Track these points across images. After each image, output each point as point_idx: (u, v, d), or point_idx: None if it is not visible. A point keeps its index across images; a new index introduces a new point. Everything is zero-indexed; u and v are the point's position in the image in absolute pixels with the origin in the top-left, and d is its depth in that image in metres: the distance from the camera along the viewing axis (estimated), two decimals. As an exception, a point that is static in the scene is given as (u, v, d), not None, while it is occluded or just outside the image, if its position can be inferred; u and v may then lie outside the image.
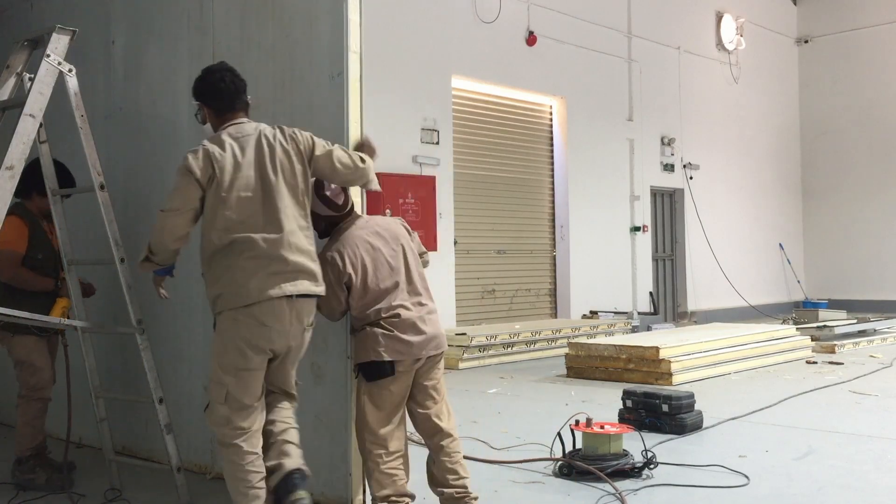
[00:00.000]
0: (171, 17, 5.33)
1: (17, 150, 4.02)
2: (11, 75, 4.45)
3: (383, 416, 3.95)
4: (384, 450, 3.93)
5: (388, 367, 3.89)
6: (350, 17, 4.32)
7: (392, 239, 4.09)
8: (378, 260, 3.99)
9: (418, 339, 3.94)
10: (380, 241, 4.05)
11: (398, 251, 4.08)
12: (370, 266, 3.96)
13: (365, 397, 3.96)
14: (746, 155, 17.52)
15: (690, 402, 6.22)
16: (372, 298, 3.95)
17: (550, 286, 13.74)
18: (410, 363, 3.94)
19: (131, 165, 5.51)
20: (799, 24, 19.19)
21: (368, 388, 3.95)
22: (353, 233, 4.04)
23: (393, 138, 10.90)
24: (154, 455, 5.19)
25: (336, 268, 3.92)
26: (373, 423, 3.94)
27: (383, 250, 4.03)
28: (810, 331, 11.22)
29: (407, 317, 3.95)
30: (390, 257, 4.03)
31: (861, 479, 4.90)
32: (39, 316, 4.34)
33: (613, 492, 4.60)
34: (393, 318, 3.93)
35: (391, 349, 3.89)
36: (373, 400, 3.94)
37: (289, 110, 4.63)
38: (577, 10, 13.73)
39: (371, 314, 3.94)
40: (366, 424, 3.95)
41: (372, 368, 3.91)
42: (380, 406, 3.94)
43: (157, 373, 4.54)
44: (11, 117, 4.24)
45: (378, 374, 3.90)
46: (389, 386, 3.92)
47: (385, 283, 3.98)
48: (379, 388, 3.93)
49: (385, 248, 4.04)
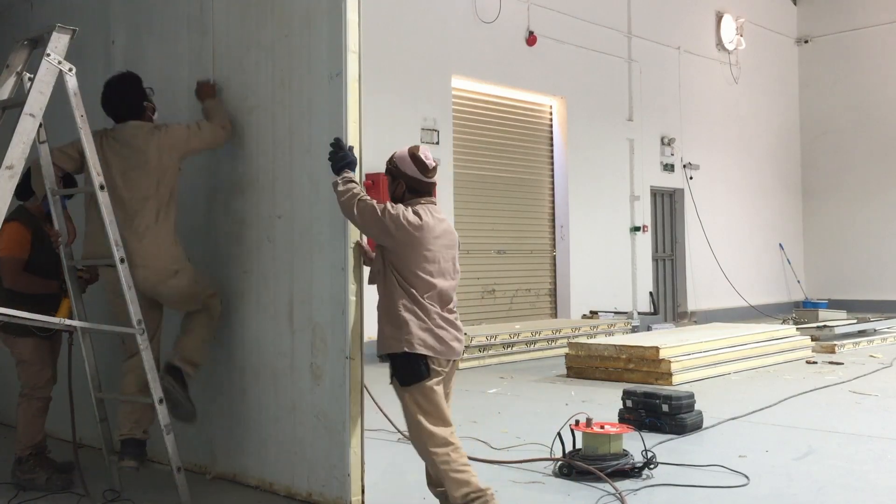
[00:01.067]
0: (171, 17, 5.33)
1: (17, 149, 4.02)
2: (11, 75, 4.44)
3: (437, 416, 3.87)
4: (450, 447, 3.87)
5: (424, 368, 3.84)
6: (349, 17, 4.32)
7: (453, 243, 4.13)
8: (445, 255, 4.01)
9: (457, 344, 3.97)
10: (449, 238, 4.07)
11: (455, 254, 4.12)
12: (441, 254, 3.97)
13: (414, 406, 3.87)
14: (746, 155, 17.51)
15: (690, 402, 6.22)
16: (428, 284, 3.92)
17: (550, 286, 13.74)
18: (446, 364, 3.94)
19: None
20: (799, 24, 19.19)
21: (412, 394, 3.87)
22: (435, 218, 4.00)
23: (393, 138, 10.83)
24: (154, 455, 5.18)
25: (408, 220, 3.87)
26: (430, 427, 3.85)
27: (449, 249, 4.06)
28: (810, 331, 11.22)
29: (453, 318, 3.98)
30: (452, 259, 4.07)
31: (861, 479, 4.90)
32: (39, 316, 4.33)
33: (613, 492, 4.59)
34: (445, 315, 3.93)
35: (432, 347, 3.87)
36: (421, 407, 3.86)
37: (288, 110, 4.63)
38: (577, 10, 13.73)
39: (426, 300, 3.90)
40: (422, 430, 3.86)
41: (410, 369, 3.85)
42: (430, 409, 3.86)
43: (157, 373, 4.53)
44: (11, 117, 4.23)
45: (416, 377, 3.85)
46: (433, 386, 3.88)
47: (447, 277, 3.99)
48: (422, 391, 3.87)
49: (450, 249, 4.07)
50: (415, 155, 4.04)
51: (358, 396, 4.31)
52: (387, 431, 5.91)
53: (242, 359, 4.87)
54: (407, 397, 3.90)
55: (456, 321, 4.02)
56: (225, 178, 5.01)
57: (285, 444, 4.59)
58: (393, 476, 5.05)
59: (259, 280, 4.78)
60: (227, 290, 4.96)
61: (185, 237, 5.21)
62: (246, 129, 4.87)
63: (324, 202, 4.41)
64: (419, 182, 4.03)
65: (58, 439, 5.85)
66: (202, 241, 5.13)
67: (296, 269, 4.58)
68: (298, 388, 4.53)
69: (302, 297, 4.54)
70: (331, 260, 4.34)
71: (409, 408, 3.90)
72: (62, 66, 4.21)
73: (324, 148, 4.41)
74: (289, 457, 4.58)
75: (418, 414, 3.86)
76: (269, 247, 4.73)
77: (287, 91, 4.64)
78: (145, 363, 4.46)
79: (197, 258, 5.16)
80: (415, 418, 3.87)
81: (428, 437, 3.86)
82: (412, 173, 4.02)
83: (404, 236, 3.88)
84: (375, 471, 4.84)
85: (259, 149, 4.80)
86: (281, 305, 4.65)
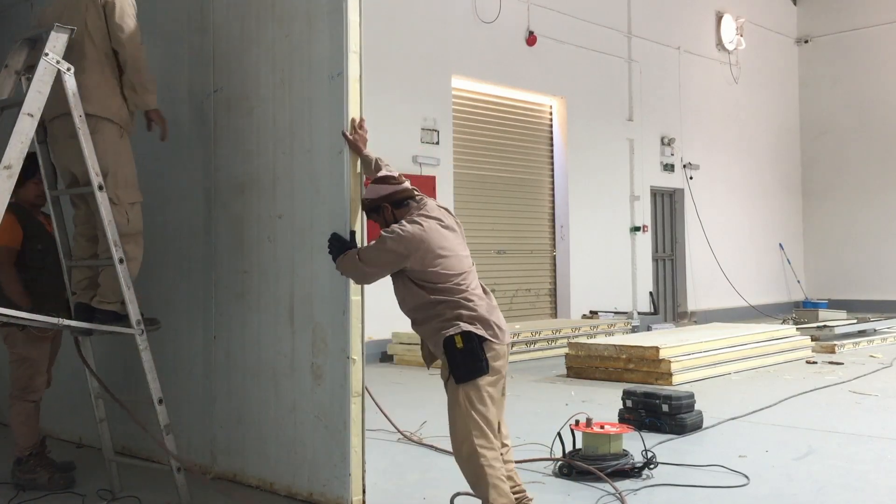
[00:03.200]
0: (171, 17, 5.33)
1: (15, 149, 4.01)
2: (10, 74, 4.44)
3: (486, 420, 3.74)
4: (495, 452, 3.76)
5: (484, 363, 3.71)
6: (349, 17, 4.32)
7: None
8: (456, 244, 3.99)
9: (505, 327, 3.91)
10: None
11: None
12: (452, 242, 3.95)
13: (466, 404, 3.72)
14: (746, 155, 17.51)
15: (690, 402, 6.21)
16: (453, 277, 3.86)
17: (550, 286, 13.73)
18: (502, 353, 3.83)
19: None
20: (799, 24, 19.19)
21: (466, 391, 3.72)
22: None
23: (393, 138, 10.90)
24: (154, 455, 5.18)
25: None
26: (485, 426, 3.72)
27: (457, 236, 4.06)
28: (810, 331, 11.22)
29: (490, 301, 3.96)
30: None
31: (861, 479, 4.90)
32: (37, 316, 4.33)
33: (613, 492, 4.59)
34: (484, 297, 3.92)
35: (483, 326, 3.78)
36: (474, 406, 3.72)
37: (288, 110, 4.63)
38: (577, 10, 13.73)
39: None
40: (474, 428, 3.71)
41: (469, 362, 3.71)
42: (483, 410, 3.73)
43: (157, 373, 4.53)
44: (10, 116, 4.23)
45: (475, 372, 3.71)
46: (487, 387, 3.74)
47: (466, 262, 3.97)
48: (478, 391, 3.72)
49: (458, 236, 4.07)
50: (374, 178, 4.03)
51: (359, 396, 4.31)
52: (387, 431, 5.91)
53: (243, 359, 4.86)
54: (461, 394, 3.74)
55: (494, 304, 3.94)
56: (225, 178, 5.00)
57: (286, 444, 4.59)
58: (393, 476, 5.04)
59: (259, 280, 4.78)
60: (228, 290, 4.96)
61: (186, 237, 5.22)
62: (246, 128, 4.87)
63: (324, 202, 4.40)
64: (397, 193, 3.97)
65: (58, 439, 5.85)
66: (202, 241, 5.13)
67: (296, 268, 4.58)
68: (299, 387, 4.52)
69: (302, 297, 4.53)
70: (331, 259, 4.33)
71: (460, 405, 3.75)
72: (60, 65, 4.20)
73: (324, 148, 4.42)
74: (289, 457, 4.57)
75: (471, 411, 3.71)
76: (270, 246, 4.72)
77: (287, 91, 4.63)
78: (145, 363, 4.46)
79: (197, 258, 5.17)
80: (467, 414, 3.71)
81: (478, 436, 3.71)
82: (386, 192, 3.97)
83: (414, 248, 3.77)
84: (376, 471, 4.84)
85: (259, 149, 4.79)
86: (281, 305, 4.65)
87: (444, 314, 3.77)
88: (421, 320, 3.88)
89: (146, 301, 4.84)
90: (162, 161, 5.28)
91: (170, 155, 5.26)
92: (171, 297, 5.29)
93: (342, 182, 4.28)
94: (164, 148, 5.22)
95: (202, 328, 5.11)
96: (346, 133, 4.27)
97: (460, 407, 3.74)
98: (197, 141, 5.16)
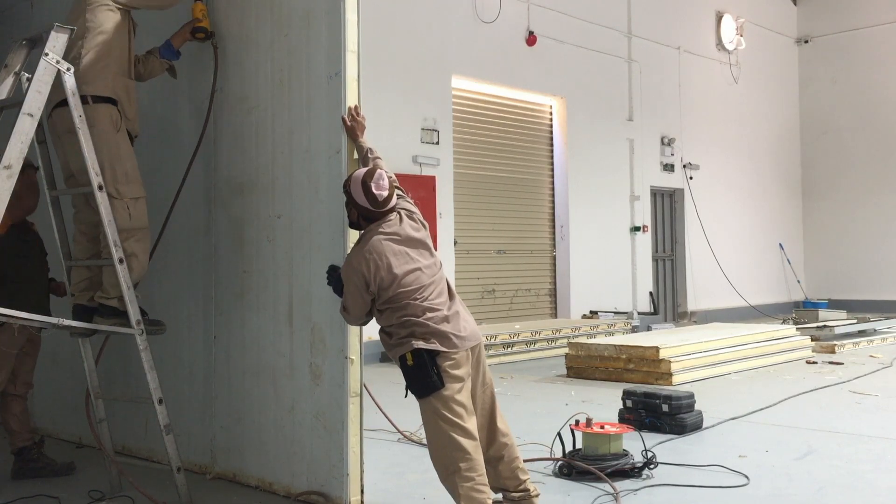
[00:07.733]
0: (171, 17, 5.32)
1: (15, 149, 4.01)
2: (10, 74, 4.44)
3: (458, 426, 3.73)
4: (472, 462, 3.73)
5: (436, 378, 3.70)
6: (348, 17, 4.32)
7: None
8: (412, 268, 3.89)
9: (464, 332, 3.86)
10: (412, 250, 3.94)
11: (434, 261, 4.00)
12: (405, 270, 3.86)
13: (433, 416, 3.74)
14: (746, 155, 17.51)
15: (690, 402, 6.21)
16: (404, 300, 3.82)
17: (550, 286, 13.73)
18: (464, 359, 3.82)
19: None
20: (799, 24, 19.18)
21: (430, 403, 3.74)
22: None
23: (393, 138, 10.90)
24: (154, 455, 5.19)
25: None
26: (459, 435, 3.72)
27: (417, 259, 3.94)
28: (810, 331, 11.22)
29: (452, 308, 3.90)
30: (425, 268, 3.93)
31: (861, 479, 4.90)
32: (36, 316, 4.33)
33: (613, 492, 4.59)
34: (442, 308, 3.85)
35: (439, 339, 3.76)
36: (440, 415, 3.73)
37: (287, 110, 4.63)
38: (577, 10, 13.73)
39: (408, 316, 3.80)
40: (448, 442, 3.72)
41: (420, 379, 3.73)
42: (450, 418, 3.73)
43: (157, 373, 4.54)
44: (10, 116, 4.23)
45: (428, 389, 3.72)
46: (454, 395, 3.73)
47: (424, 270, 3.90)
48: (441, 400, 3.72)
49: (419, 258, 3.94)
50: (366, 185, 3.86)
51: (357, 396, 4.31)
52: (387, 431, 5.91)
53: (242, 359, 4.86)
54: (428, 408, 3.77)
55: (454, 310, 3.89)
56: (224, 178, 5.00)
57: (285, 444, 4.59)
58: (393, 476, 5.04)
59: (258, 280, 4.78)
60: (227, 290, 4.96)
61: (186, 237, 5.22)
62: (245, 129, 4.87)
63: (323, 202, 4.41)
64: (370, 211, 3.92)
65: (58, 439, 5.86)
66: (202, 241, 5.12)
67: (295, 269, 4.58)
68: (298, 387, 4.52)
69: (301, 297, 4.53)
70: (330, 260, 4.33)
71: (429, 419, 3.78)
72: (60, 65, 4.20)
73: (322, 148, 4.42)
74: (288, 457, 4.57)
75: (440, 422, 3.73)
76: (269, 247, 4.72)
77: (286, 91, 4.63)
78: (145, 363, 4.46)
79: (197, 258, 5.17)
80: (436, 426, 3.74)
81: (453, 448, 3.72)
82: (362, 203, 3.90)
83: (376, 284, 3.80)
84: (375, 471, 4.83)
85: (258, 149, 4.79)
86: (280, 305, 4.65)
87: (399, 333, 3.82)
88: (386, 342, 3.93)
89: (147, 301, 4.84)
90: (161, 161, 5.28)
91: (169, 155, 5.27)
92: (172, 297, 5.29)
93: (340, 182, 4.28)
94: (164, 148, 5.23)
95: (202, 328, 5.11)
96: (344, 118, 4.28)
97: (429, 420, 3.80)
98: (197, 141, 5.15)
